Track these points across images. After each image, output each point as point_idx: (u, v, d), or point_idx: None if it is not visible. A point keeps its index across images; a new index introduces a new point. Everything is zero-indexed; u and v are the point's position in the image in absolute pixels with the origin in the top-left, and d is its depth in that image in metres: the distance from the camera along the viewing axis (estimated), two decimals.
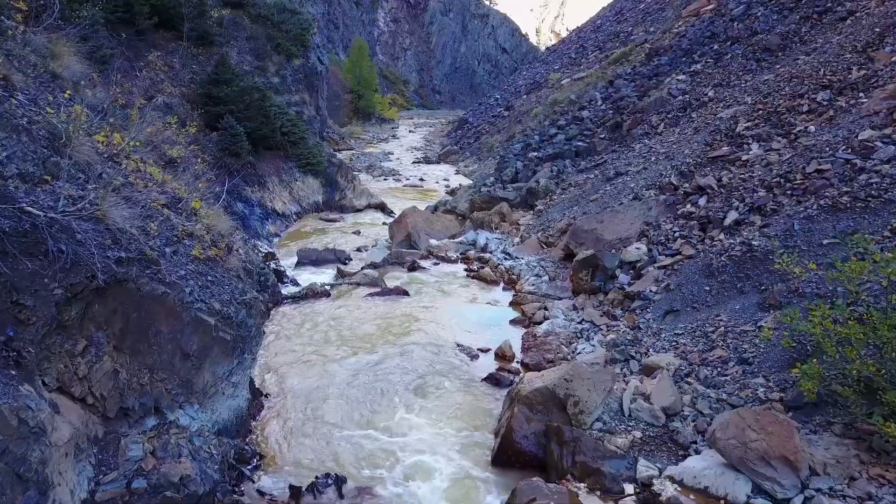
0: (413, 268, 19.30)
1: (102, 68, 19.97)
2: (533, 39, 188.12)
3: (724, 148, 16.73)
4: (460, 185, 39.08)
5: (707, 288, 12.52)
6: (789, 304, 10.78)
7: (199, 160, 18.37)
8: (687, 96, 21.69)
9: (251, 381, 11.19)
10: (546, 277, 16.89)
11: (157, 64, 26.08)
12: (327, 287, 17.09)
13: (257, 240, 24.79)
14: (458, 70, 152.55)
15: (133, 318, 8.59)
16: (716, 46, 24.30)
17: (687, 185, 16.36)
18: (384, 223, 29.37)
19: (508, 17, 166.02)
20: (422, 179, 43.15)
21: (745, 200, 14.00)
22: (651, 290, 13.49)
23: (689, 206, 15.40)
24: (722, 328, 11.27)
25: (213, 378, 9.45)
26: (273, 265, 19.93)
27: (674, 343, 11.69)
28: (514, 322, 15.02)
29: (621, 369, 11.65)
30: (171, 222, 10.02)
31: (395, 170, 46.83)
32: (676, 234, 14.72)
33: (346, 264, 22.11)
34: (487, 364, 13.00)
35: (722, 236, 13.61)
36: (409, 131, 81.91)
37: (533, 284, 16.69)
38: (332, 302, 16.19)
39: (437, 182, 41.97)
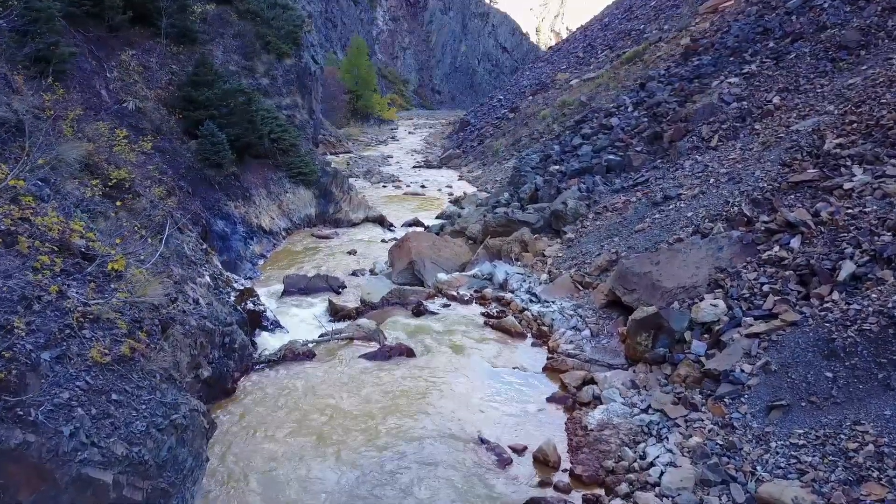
0: (419, 311, 15.86)
1: (59, 68, 16.91)
2: (533, 38, 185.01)
3: (810, 171, 13.31)
4: (465, 193, 36.25)
5: (829, 374, 9.08)
6: None
7: (155, 185, 14.92)
8: (744, 103, 18.21)
9: None
10: (587, 332, 13.45)
11: (131, 64, 23.23)
12: (311, 345, 13.57)
13: (239, 264, 21.62)
14: (458, 69, 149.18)
15: None
16: (771, 44, 20.83)
17: (766, 217, 12.93)
18: (383, 240, 26.31)
19: (509, 16, 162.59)
20: (423, 186, 40.19)
21: (862, 246, 10.58)
22: (742, 370, 10.04)
23: (776, 248, 11.95)
24: (870, 446, 7.84)
25: None
26: (251, 304, 16.59)
27: (794, 460, 8.27)
28: (552, 400, 11.55)
29: (719, 497, 8.27)
30: (61, 305, 6.59)
31: (395, 175, 43.73)
32: (766, 288, 11.27)
33: (339, 293, 19.26)
34: (524, 473, 9.56)
35: (836, 296, 10.18)
36: (409, 132, 78.68)
37: (572, 342, 13.24)
38: (317, 367, 12.69)
39: (440, 189, 39.00)
